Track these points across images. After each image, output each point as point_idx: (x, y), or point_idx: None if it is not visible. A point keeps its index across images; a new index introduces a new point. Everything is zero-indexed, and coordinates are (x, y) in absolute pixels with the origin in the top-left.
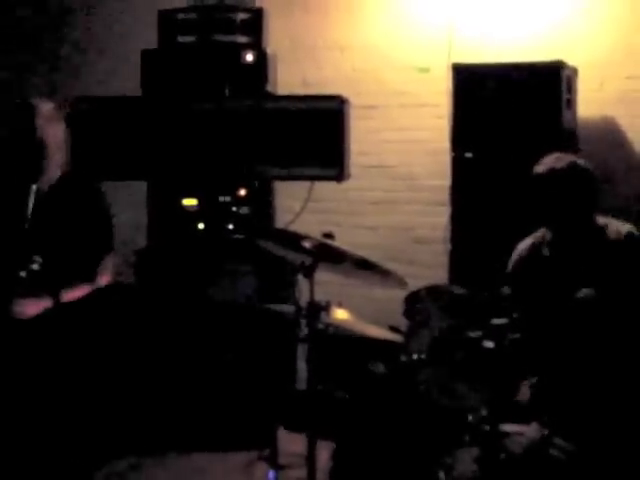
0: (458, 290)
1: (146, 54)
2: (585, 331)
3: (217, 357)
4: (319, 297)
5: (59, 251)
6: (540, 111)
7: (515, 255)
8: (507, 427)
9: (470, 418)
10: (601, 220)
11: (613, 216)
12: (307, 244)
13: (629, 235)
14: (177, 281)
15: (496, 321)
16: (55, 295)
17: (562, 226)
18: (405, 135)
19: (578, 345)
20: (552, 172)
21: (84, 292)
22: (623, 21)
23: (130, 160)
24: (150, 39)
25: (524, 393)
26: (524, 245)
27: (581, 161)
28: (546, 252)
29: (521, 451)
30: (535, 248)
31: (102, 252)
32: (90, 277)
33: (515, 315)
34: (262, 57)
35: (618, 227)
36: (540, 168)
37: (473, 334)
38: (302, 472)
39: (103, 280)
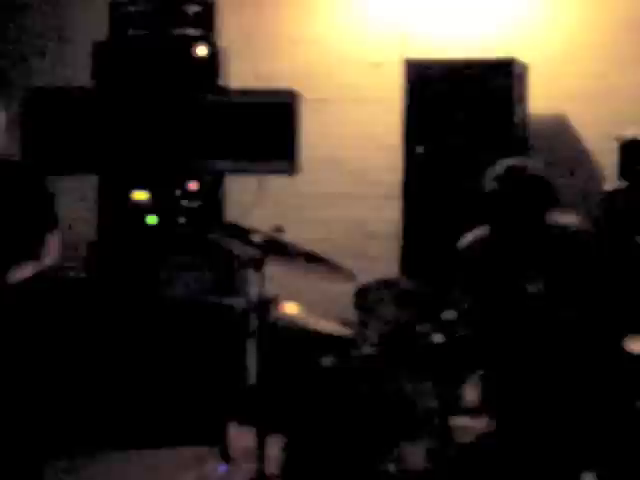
0: (408, 284)
1: (97, 46)
2: (535, 325)
3: (167, 352)
4: (270, 291)
5: (0, 231)
6: (491, 107)
7: (459, 251)
8: (457, 420)
9: (420, 411)
10: (549, 215)
11: (561, 211)
12: (257, 238)
13: (576, 229)
14: (127, 275)
15: (445, 315)
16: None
17: (512, 230)
18: (357, 129)
19: (528, 339)
20: (506, 185)
21: (31, 272)
22: (574, 19)
23: (81, 153)
24: (102, 30)
25: (474, 386)
26: (467, 241)
27: (536, 168)
28: (492, 247)
29: (470, 444)
30: (480, 243)
31: (45, 230)
32: (34, 255)
33: (464, 309)
34: (214, 51)
35: (565, 221)
36: (492, 183)
37: (422, 328)
38: (253, 466)
39: (49, 259)
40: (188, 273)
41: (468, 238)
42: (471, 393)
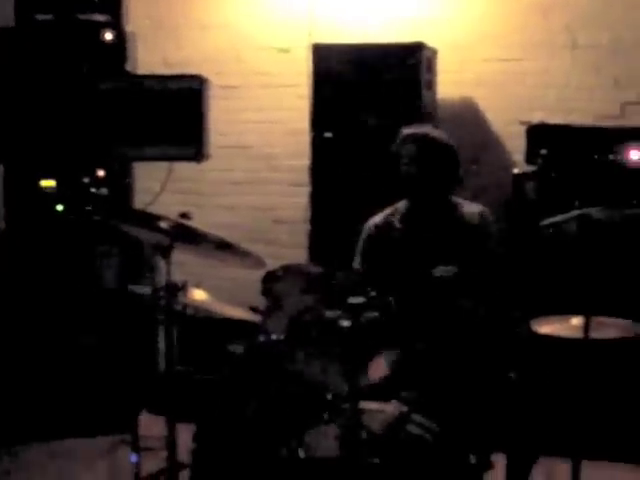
0: (315, 269)
1: (2, 32)
2: (443, 308)
3: (78, 340)
4: (179, 278)
5: None
6: (400, 92)
7: (365, 232)
8: (366, 405)
9: (329, 396)
10: (455, 199)
11: (467, 196)
12: (164, 224)
13: (482, 214)
14: (36, 264)
15: (352, 300)
16: None
17: (420, 194)
18: (265, 115)
19: (436, 322)
20: (417, 136)
21: None
22: (483, 3)
23: None
24: (7, 15)
25: (383, 371)
26: (373, 222)
27: (440, 134)
28: (399, 225)
29: (380, 428)
30: (386, 223)
31: None
32: None
33: (372, 294)
34: (121, 36)
35: (471, 207)
36: (406, 130)
37: (330, 313)
38: (164, 454)
39: None
40: (99, 261)
41: (376, 218)
42: (382, 377)
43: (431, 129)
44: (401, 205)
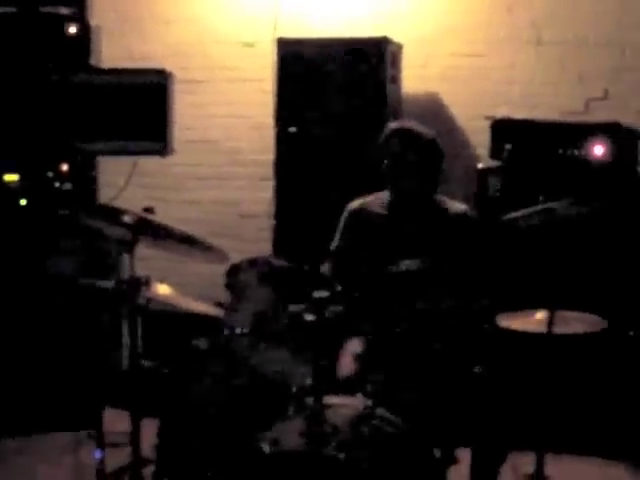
0: (279, 262)
1: None
2: (408, 301)
3: (41, 336)
4: (144, 273)
5: None
6: (365, 86)
7: (347, 211)
8: (331, 399)
9: (294, 390)
10: (440, 197)
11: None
12: (127, 219)
13: (465, 213)
14: (1, 257)
15: (317, 294)
16: None
17: (404, 189)
18: (230, 110)
19: (401, 317)
20: (401, 131)
21: None
22: None
23: None
24: None
25: (349, 365)
26: (357, 203)
27: (426, 130)
28: (383, 211)
29: (345, 423)
30: (370, 208)
31: None
32: None
33: (337, 288)
34: (86, 30)
35: (455, 205)
36: (391, 125)
37: (294, 307)
38: (129, 450)
39: None
40: (64, 255)
41: (358, 201)
42: (347, 372)
43: (416, 124)
44: (384, 194)
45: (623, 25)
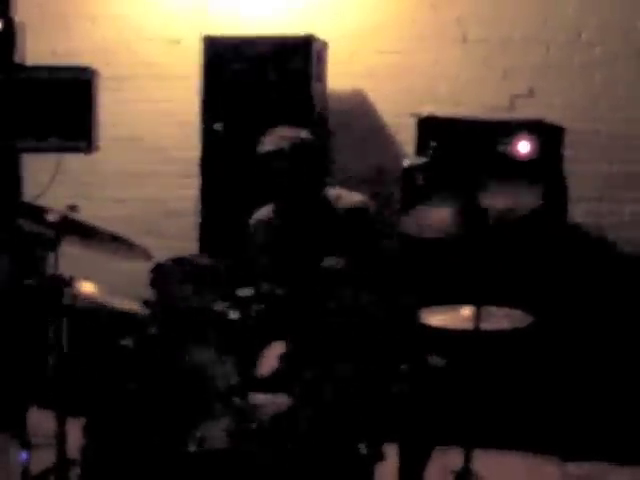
0: (204, 261)
1: None
2: (331, 300)
3: None
4: (70, 271)
5: None
6: (290, 84)
7: (250, 227)
8: (256, 397)
9: (220, 389)
10: (332, 191)
11: (353, 186)
12: (51, 217)
13: (359, 205)
14: None
15: (241, 292)
16: None
17: (290, 200)
18: (156, 107)
19: (324, 315)
20: (277, 150)
21: None
22: None
23: None
24: None
25: (273, 363)
26: (256, 217)
27: (304, 134)
28: (276, 222)
29: (270, 421)
30: (267, 220)
31: None
32: None
33: (260, 286)
34: (10, 26)
35: (351, 197)
36: (265, 147)
37: (219, 305)
38: (54, 451)
39: None
40: None
41: (261, 212)
42: (271, 370)
43: (290, 130)
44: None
45: (547, 23)
